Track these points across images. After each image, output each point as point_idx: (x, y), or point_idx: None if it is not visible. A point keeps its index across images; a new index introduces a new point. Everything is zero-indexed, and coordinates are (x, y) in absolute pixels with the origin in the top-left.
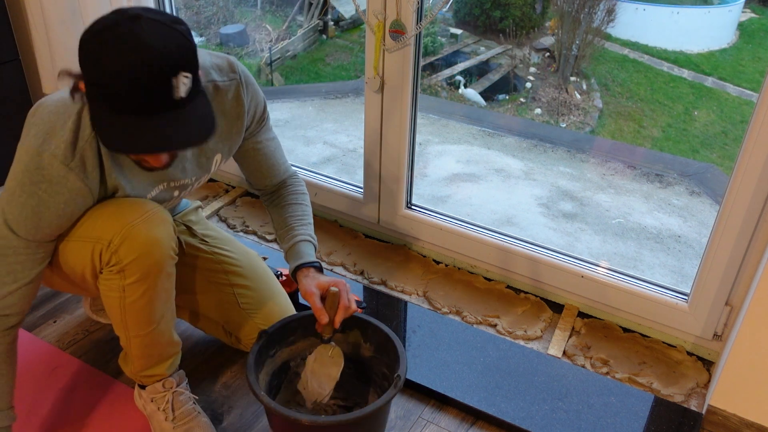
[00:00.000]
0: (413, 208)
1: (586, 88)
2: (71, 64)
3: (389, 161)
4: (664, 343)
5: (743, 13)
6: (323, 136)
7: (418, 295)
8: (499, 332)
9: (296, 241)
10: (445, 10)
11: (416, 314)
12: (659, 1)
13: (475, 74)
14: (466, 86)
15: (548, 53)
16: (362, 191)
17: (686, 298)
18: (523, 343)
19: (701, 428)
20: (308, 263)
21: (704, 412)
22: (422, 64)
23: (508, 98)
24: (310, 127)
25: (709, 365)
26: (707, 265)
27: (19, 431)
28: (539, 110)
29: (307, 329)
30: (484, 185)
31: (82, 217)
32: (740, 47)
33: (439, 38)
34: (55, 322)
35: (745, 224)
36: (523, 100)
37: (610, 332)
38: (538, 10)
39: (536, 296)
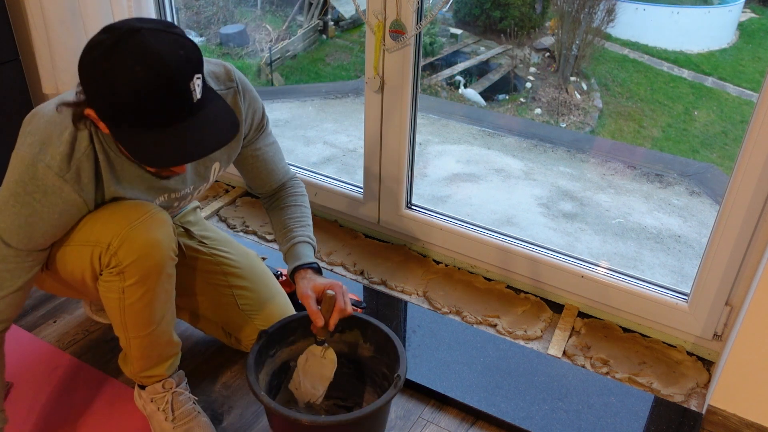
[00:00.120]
0: (413, 208)
1: (586, 88)
2: (71, 64)
3: (389, 161)
4: (664, 343)
5: (743, 13)
6: (323, 136)
7: (418, 295)
8: (499, 332)
9: (295, 242)
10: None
11: (416, 314)
12: (659, 1)
13: (475, 74)
14: (466, 86)
15: (548, 53)
16: (362, 191)
17: (686, 298)
18: (523, 343)
19: (701, 428)
20: (306, 264)
21: (704, 412)
22: (422, 64)
23: (508, 98)
24: (310, 127)
25: (709, 365)
26: (707, 265)
27: (18, 431)
28: (539, 110)
29: (307, 329)
30: (484, 185)
31: (79, 222)
32: (740, 47)
33: (439, 38)
34: (55, 322)
35: (745, 224)
36: (523, 100)
37: (610, 332)
38: (538, 10)
39: (536, 296)
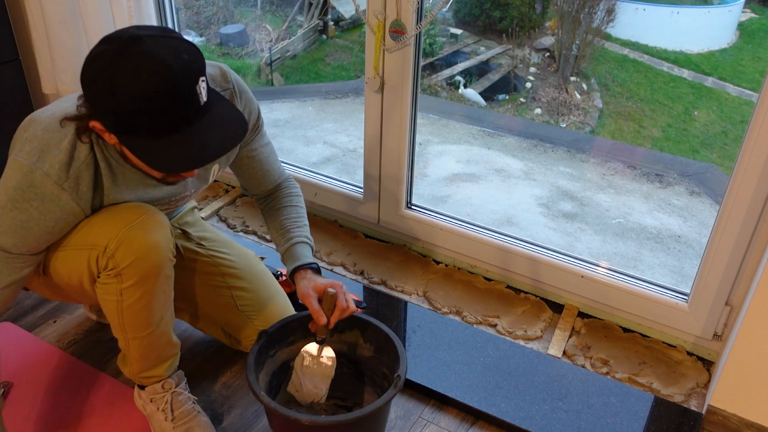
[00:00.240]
0: (413, 208)
1: (586, 88)
2: (71, 64)
3: (389, 161)
4: (664, 343)
5: (743, 13)
6: (323, 136)
7: (418, 295)
8: (499, 332)
9: (293, 243)
10: (445, 10)
11: (416, 314)
12: (659, 1)
13: (475, 74)
14: (466, 86)
15: (548, 53)
16: (362, 191)
17: (686, 298)
18: (523, 343)
19: (701, 428)
20: (305, 265)
21: (704, 412)
22: (422, 64)
23: (508, 98)
24: (310, 127)
25: (709, 365)
26: (707, 265)
27: (18, 431)
28: (539, 110)
29: (307, 329)
30: (484, 185)
31: (74, 227)
32: (740, 47)
33: (438, 38)
34: (55, 322)
35: (745, 224)
36: (523, 100)
37: (610, 332)
38: (538, 10)
39: (536, 296)
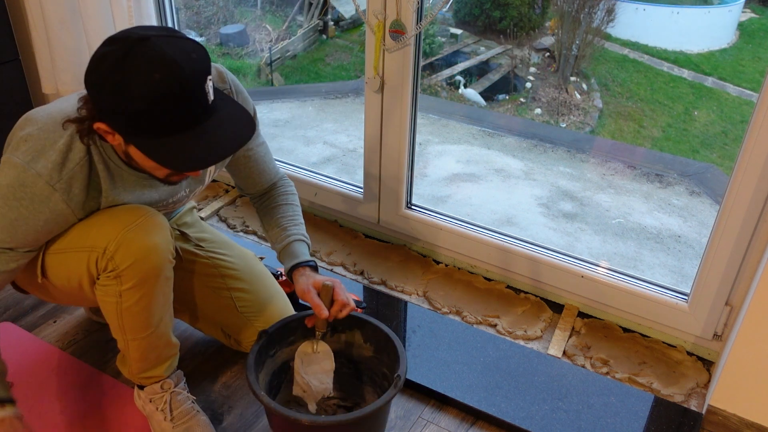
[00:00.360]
0: (413, 208)
1: (586, 88)
2: (71, 64)
3: (389, 161)
4: (664, 343)
5: (743, 13)
6: (323, 136)
7: (418, 295)
8: (499, 332)
9: (290, 240)
10: (445, 10)
11: (416, 314)
12: (659, 1)
13: (475, 74)
14: (466, 86)
15: (548, 53)
16: (362, 191)
17: (686, 298)
18: (523, 343)
19: (701, 428)
20: (303, 262)
21: (704, 412)
22: (422, 64)
23: (508, 98)
24: (310, 127)
25: (709, 365)
26: (707, 265)
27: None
28: (539, 110)
29: (307, 329)
30: (484, 185)
31: (72, 229)
32: (740, 47)
33: (438, 38)
34: (55, 322)
35: (745, 224)
36: (523, 100)
37: (610, 332)
38: (537, 10)
39: (536, 296)
